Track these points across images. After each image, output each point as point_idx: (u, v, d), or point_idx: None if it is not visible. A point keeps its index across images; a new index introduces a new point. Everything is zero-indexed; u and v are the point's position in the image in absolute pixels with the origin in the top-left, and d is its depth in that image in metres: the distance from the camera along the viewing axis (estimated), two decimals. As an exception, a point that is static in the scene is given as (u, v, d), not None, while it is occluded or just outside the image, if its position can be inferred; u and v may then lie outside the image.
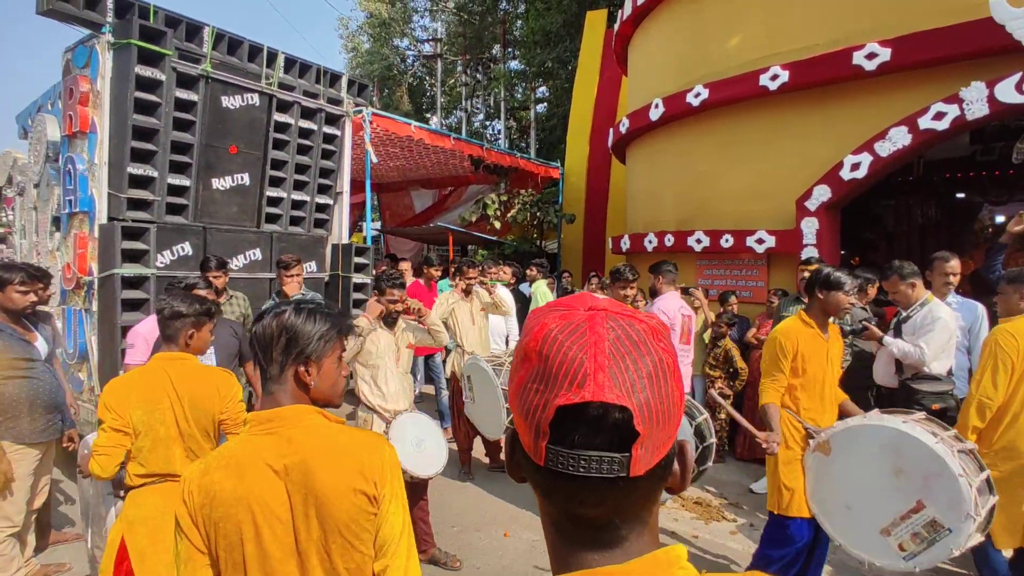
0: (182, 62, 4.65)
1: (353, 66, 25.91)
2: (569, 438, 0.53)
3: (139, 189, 4.52)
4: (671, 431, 0.56)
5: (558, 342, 0.54)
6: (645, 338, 0.55)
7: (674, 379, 0.56)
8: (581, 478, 0.53)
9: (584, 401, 0.51)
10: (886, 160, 5.15)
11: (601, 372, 0.52)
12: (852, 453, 2.73)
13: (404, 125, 8.49)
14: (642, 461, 0.53)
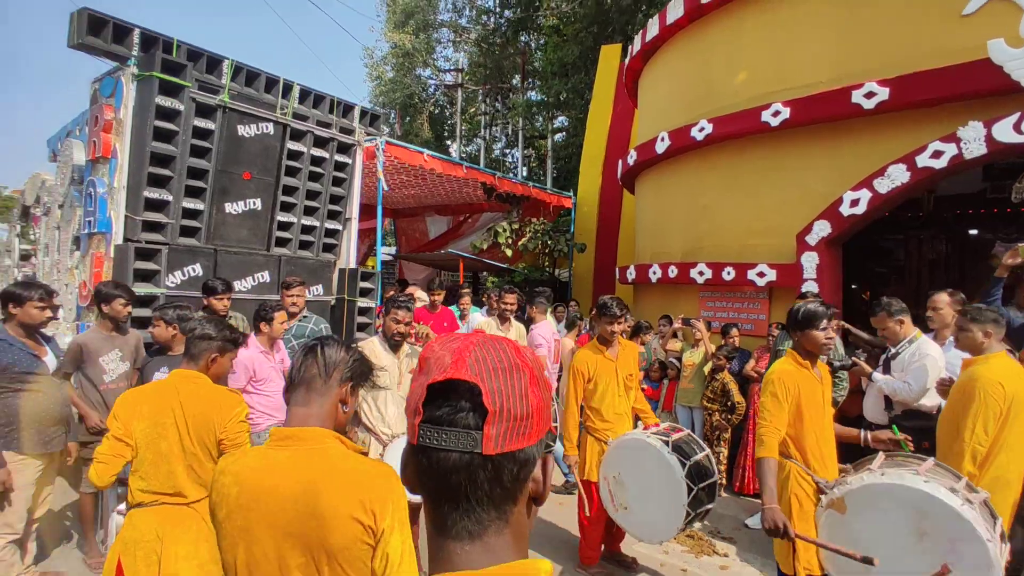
0: (201, 93, 4.90)
1: (377, 94, 26.59)
2: (436, 415, 0.64)
3: (154, 212, 4.73)
4: (526, 428, 0.65)
5: (436, 350, 0.68)
6: (508, 350, 0.67)
7: (532, 385, 0.66)
8: (444, 453, 0.63)
9: (446, 378, 0.63)
10: (885, 197, 5.19)
11: (462, 362, 0.64)
12: (870, 512, 2.56)
13: (416, 154, 8.72)
14: (493, 440, 0.62)
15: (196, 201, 5.04)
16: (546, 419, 0.69)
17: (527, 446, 0.66)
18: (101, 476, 2.27)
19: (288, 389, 1.53)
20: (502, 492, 0.66)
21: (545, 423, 0.68)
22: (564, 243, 11.57)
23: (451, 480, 0.64)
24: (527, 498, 0.70)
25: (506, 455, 0.64)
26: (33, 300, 3.40)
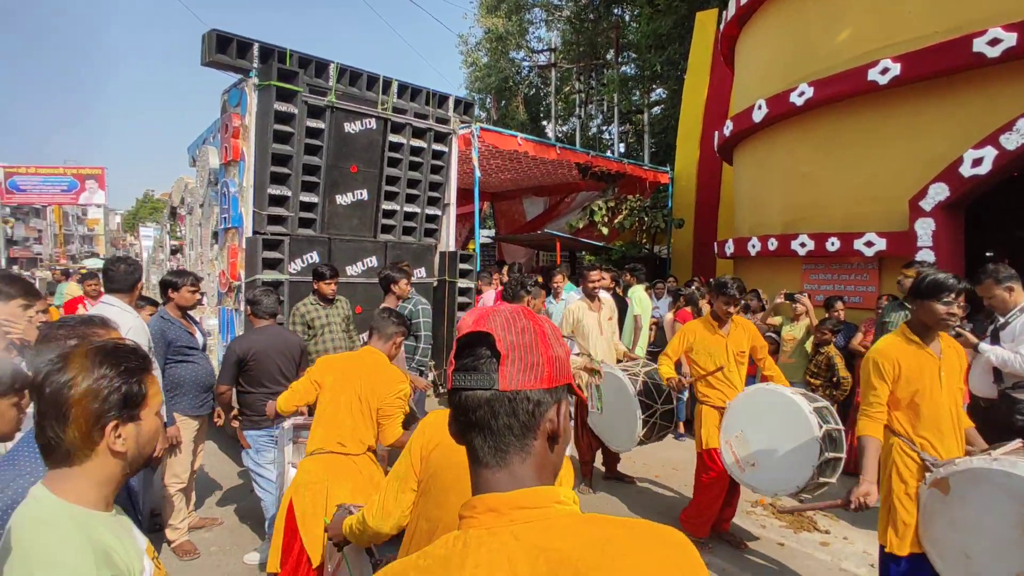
0: (311, 96, 5.39)
1: (472, 80, 27.12)
2: (462, 362, 0.81)
3: (276, 207, 5.29)
4: (538, 372, 0.79)
5: (465, 319, 0.86)
6: (521, 315, 0.84)
7: (541, 340, 0.81)
8: (470, 390, 0.79)
9: (469, 332, 0.82)
10: (1013, 154, 4.74)
11: (481, 320, 0.82)
12: (973, 497, 2.47)
13: (510, 138, 8.95)
14: (507, 378, 0.78)
15: (311, 195, 5.56)
16: (560, 373, 0.82)
17: (539, 388, 0.79)
18: (288, 401, 2.92)
19: None
20: (520, 425, 0.79)
21: (559, 376, 0.82)
22: (661, 219, 11.39)
23: (477, 413, 0.79)
24: (546, 435, 0.82)
25: (520, 393, 0.78)
26: (187, 285, 3.99)
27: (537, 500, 0.76)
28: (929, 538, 2.63)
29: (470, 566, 0.72)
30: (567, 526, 0.75)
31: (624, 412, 4.28)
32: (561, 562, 0.70)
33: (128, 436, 1.13)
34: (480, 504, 0.77)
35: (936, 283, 2.66)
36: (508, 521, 0.75)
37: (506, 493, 0.76)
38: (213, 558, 3.89)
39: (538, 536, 0.73)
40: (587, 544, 0.72)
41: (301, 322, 4.73)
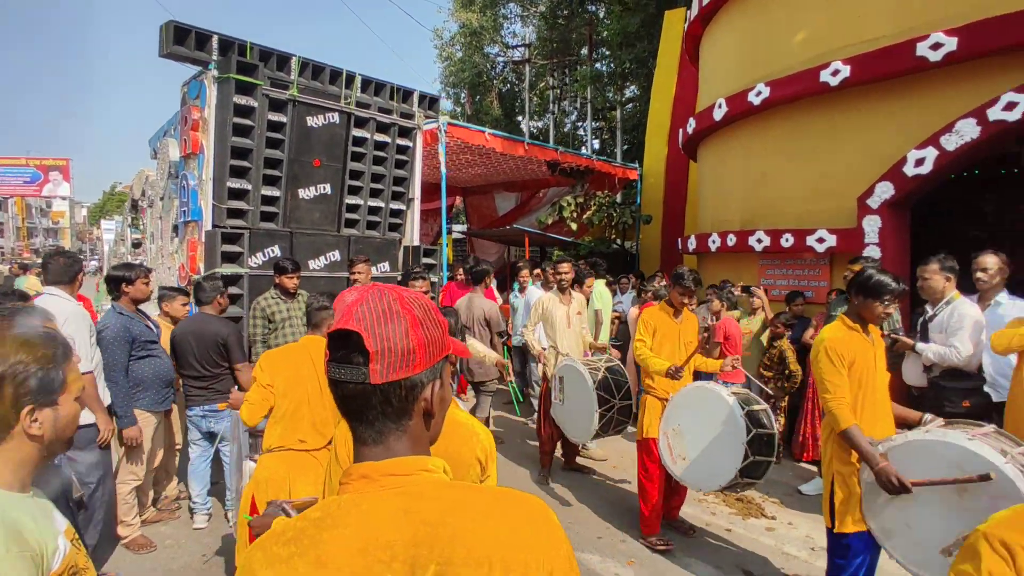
0: (273, 89, 5.37)
1: (447, 75, 27.01)
2: (335, 355, 0.84)
3: (236, 200, 5.28)
4: (410, 361, 0.83)
5: (340, 301, 0.89)
6: (392, 299, 0.85)
7: (412, 327, 0.84)
8: (345, 383, 0.83)
9: (337, 328, 0.84)
10: (953, 154, 4.94)
11: (349, 315, 0.83)
12: (912, 469, 2.58)
13: (478, 133, 8.99)
14: (377, 373, 0.81)
15: (273, 188, 5.55)
16: (433, 353, 0.86)
17: (412, 375, 0.84)
18: (252, 417, 2.79)
19: None
20: (394, 410, 0.84)
21: (432, 356, 0.86)
22: (629, 215, 11.54)
23: (353, 403, 0.84)
24: (421, 413, 0.88)
25: (392, 383, 0.82)
26: (141, 278, 3.96)
27: (406, 468, 0.83)
28: (872, 514, 2.75)
29: (340, 526, 0.77)
30: (431, 491, 0.81)
31: (582, 405, 4.38)
32: (421, 522, 0.76)
33: (45, 420, 1.18)
34: (355, 472, 0.83)
35: (880, 284, 2.78)
36: (378, 487, 0.81)
37: (378, 462, 0.83)
38: (168, 551, 3.89)
39: (403, 500, 0.79)
40: (446, 506, 0.78)
41: (262, 316, 4.74)
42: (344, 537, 0.76)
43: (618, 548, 4.00)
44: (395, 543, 0.75)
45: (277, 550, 0.78)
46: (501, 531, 0.76)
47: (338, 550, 0.75)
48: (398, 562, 0.74)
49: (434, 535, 0.75)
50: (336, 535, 0.77)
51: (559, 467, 5.43)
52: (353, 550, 0.75)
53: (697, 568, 3.73)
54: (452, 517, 0.77)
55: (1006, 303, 3.83)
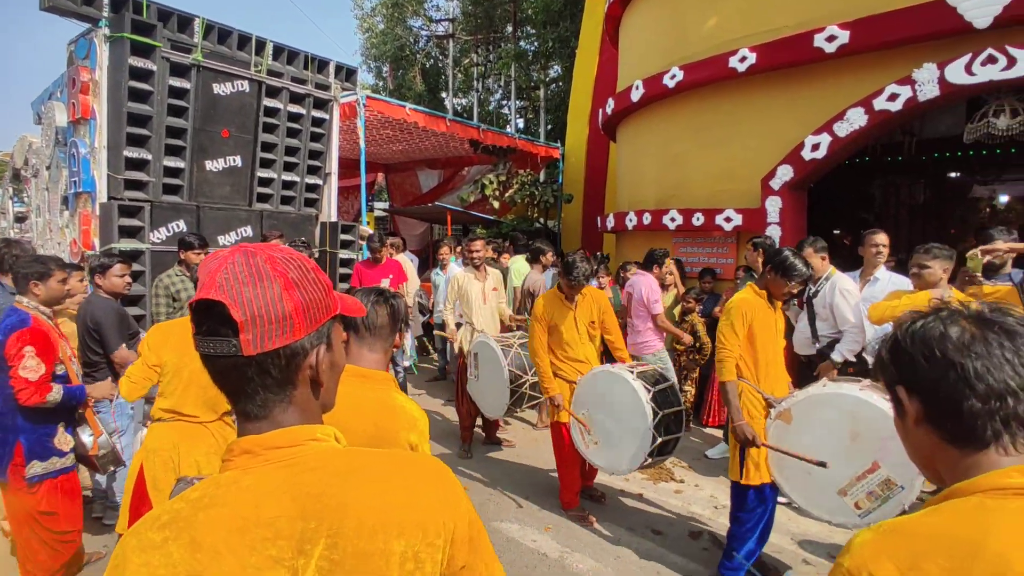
0: (174, 52, 5.03)
1: (368, 47, 26.13)
2: (201, 328, 0.76)
3: (135, 171, 4.93)
4: (287, 327, 0.76)
5: (204, 266, 0.79)
6: (262, 262, 0.76)
7: (286, 290, 0.76)
8: (216, 357, 0.75)
9: (199, 299, 0.75)
10: (844, 140, 5.32)
11: (211, 283, 0.74)
12: (812, 421, 2.82)
13: (399, 108, 8.80)
14: (250, 344, 0.73)
15: (176, 160, 5.23)
16: (314, 316, 0.79)
17: (292, 342, 0.77)
18: (131, 394, 2.66)
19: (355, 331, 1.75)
20: (274, 381, 0.77)
21: (313, 320, 0.79)
22: (551, 194, 11.69)
23: (229, 379, 0.77)
24: (307, 382, 0.81)
25: (268, 353, 0.75)
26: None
27: (291, 438, 0.77)
28: (776, 465, 2.98)
29: (217, 505, 0.72)
30: (318, 460, 0.76)
31: (495, 380, 4.43)
32: (307, 495, 0.72)
33: None
34: (237, 447, 0.78)
35: (793, 267, 3.04)
36: (262, 461, 0.75)
37: (261, 435, 0.77)
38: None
39: (287, 472, 0.74)
40: (334, 475, 0.74)
41: (165, 294, 4.48)
42: (221, 517, 0.71)
43: (536, 516, 4.13)
44: (278, 519, 0.71)
45: (151, 535, 0.72)
46: (394, 496, 0.74)
47: (214, 531, 0.71)
48: (283, 539, 0.70)
49: (321, 507, 0.71)
50: (212, 515, 0.72)
51: (480, 442, 5.51)
52: (230, 529, 0.70)
53: (611, 530, 3.91)
54: (340, 486, 0.73)
55: (883, 278, 4.22)
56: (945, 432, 0.87)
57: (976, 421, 0.83)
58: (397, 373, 6.13)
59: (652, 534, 3.88)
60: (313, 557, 0.70)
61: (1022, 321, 0.85)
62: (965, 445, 0.85)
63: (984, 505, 0.80)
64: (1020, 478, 0.80)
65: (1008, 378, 0.81)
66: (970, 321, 0.86)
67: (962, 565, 0.75)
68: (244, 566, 0.69)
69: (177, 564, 0.69)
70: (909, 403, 0.90)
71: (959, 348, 0.84)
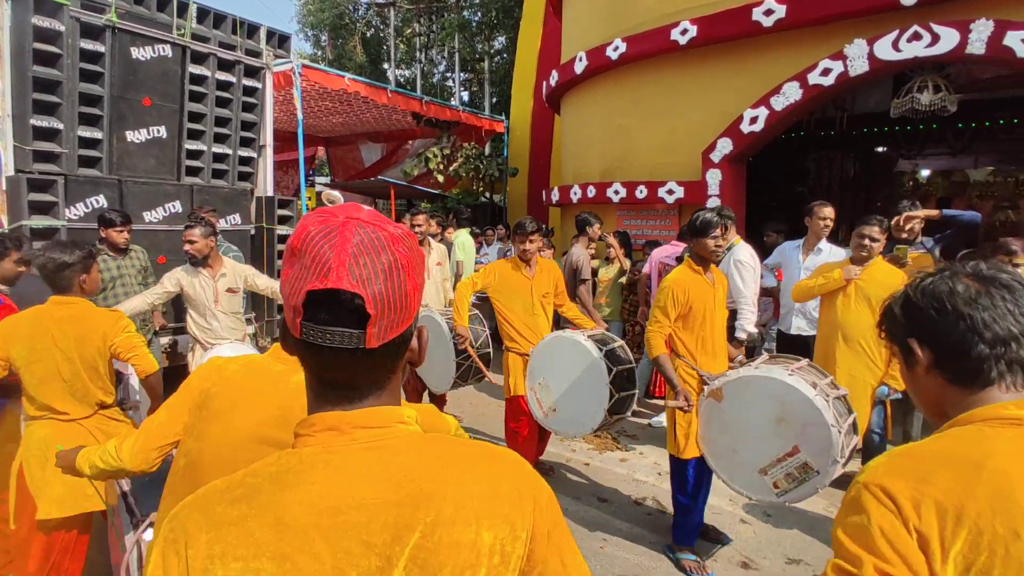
0: (84, 12, 4.63)
1: (304, 14, 25.04)
2: (318, 316, 0.67)
3: (45, 141, 4.56)
4: (405, 315, 0.71)
5: (314, 242, 0.68)
6: (386, 243, 0.69)
7: (408, 275, 0.70)
8: (328, 348, 0.68)
9: (326, 288, 0.66)
10: (780, 114, 5.46)
11: (342, 267, 0.66)
12: (741, 401, 2.88)
13: (337, 78, 8.47)
14: (375, 337, 0.68)
15: (93, 130, 4.86)
16: (419, 297, 0.75)
17: (406, 328, 0.73)
18: None
19: None
20: (383, 368, 0.74)
21: (418, 302, 0.75)
22: (496, 168, 11.59)
23: (338, 372, 0.71)
24: (404, 364, 0.78)
25: (387, 343, 0.70)
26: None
27: (380, 419, 0.73)
28: (705, 440, 3.08)
29: (305, 483, 0.67)
30: (410, 444, 0.73)
31: (442, 354, 4.38)
32: (405, 477, 0.68)
33: None
34: (320, 422, 0.72)
35: (705, 221, 3.09)
36: (349, 440, 0.71)
37: (348, 412, 0.72)
38: None
39: (378, 454, 0.71)
40: (429, 461, 0.71)
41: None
42: (310, 495, 0.67)
43: (484, 490, 4.15)
44: (372, 502, 0.67)
45: (223, 510, 0.67)
46: (485, 486, 0.71)
47: (303, 511, 0.66)
48: (377, 523, 0.66)
49: (419, 492, 0.68)
50: (300, 493, 0.67)
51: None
52: (322, 510, 0.66)
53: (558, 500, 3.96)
54: (437, 472, 0.70)
55: (825, 249, 4.38)
56: (953, 375, 0.97)
57: (983, 364, 0.94)
58: None
59: (598, 502, 3.97)
60: (408, 545, 0.66)
61: (1016, 277, 0.97)
62: (970, 384, 0.96)
63: (983, 432, 0.91)
64: (1016, 410, 0.91)
65: (1011, 325, 0.93)
66: (971, 278, 0.97)
67: (968, 479, 0.84)
68: (335, 551, 0.65)
69: (260, 543, 0.64)
70: (920, 352, 1.00)
71: (967, 301, 0.95)
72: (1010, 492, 0.82)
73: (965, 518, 0.82)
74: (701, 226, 3.09)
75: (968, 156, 9.62)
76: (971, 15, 4.56)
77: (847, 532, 0.89)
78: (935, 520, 0.83)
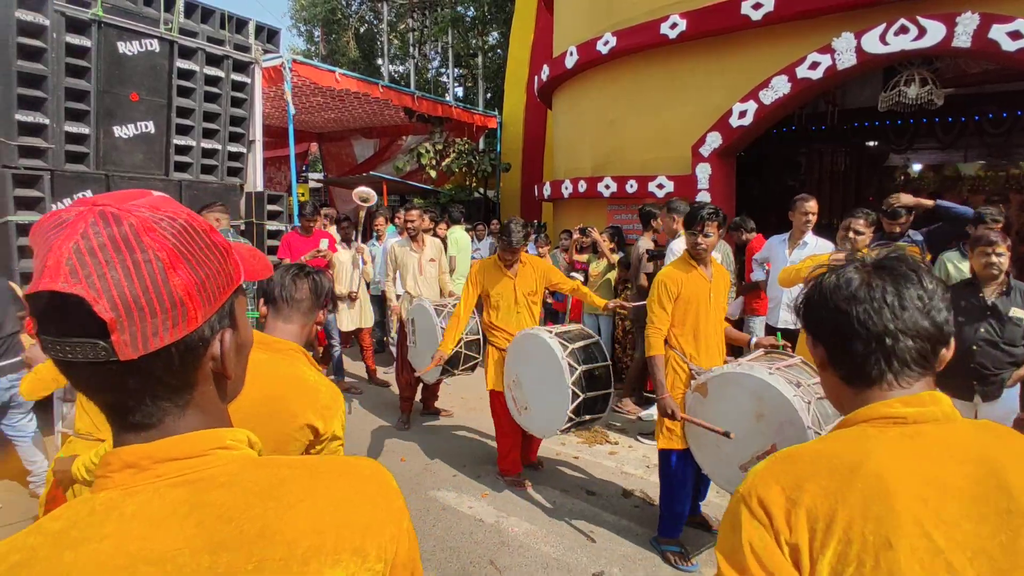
0: (70, 6, 4.62)
1: (297, 9, 24.93)
2: (48, 328, 0.55)
3: (31, 136, 4.54)
4: (176, 317, 0.57)
5: (41, 235, 0.56)
6: (133, 234, 0.55)
7: (172, 267, 0.57)
8: (80, 364, 0.56)
9: (37, 290, 0.53)
10: (769, 108, 5.46)
11: (57, 267, 0.53)
12: (724, 397, 2.87)
13: (328, 73, 8.45)
14: (129, 346, 0.54)
15: (79, 125, 4.85)
16: (213, 293, 0.61)
17: (187, 333, 0.59)
18: (29, 393, 2.41)
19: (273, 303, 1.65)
20: (167, 388, 0.61)
21: (212, 301, 0.61)
22: (488, 163, 11.58)
23: (102, 391, 0.59)
24: (209, 378, 0.65)
25: (157, 352, 0.57)
26: None
27: (193, 448, 0.61)
28: (691, 434, 3.08)
29: (94, 539, 0.56)
30: (232, 474, 0.61)
31: (431, 343, 4.38)
32: (219, 518, 0.58)
33: None
34: (115, 460, 0.60)
35: (691, 214, 3.09)
36: (152, 477, 0.59)
37: (149, 444, 0.60)
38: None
39: (187, 491, 0.59)
40: (252, 492, 0.60)
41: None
42: (98, 555, 0.55)
43: (473, 484, 4.15)
44: (179, 553, 0.55)
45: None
46: (329, 515, 0.61)
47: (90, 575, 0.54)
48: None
49: (239, 533, 0.57)
50: (84, 554, 0.55)
51: (418, 412, 5.48)
52: (111, 570, 0.54)
53: (545, 494, 3.98)
54: (261, 506, 0.59)
55: (811, 242, 4.39)
56: (843, 373, 0.93)
57: (862, 361, 0.89)
58: (332, 348, 5.99)
59: (586, 495, 3.98)
60: None
61: (914, 266, 0.90)
62: (857, 383, 0.91)
63: (866, 432, 0.85)
64: (901, 408, 0.85)
65: (887, 321, 0.87)
66: (863, 270, 0.91)
67: (842, 483, 0.79)
68: None
69: None
70: (814, 350, 0.96)
71: (847, 298, 0.89)
72: (884, 496, 0.76)
73: (835, 526, 0.76)
74: (688, 219, 3.11)
75: (958, 150, 9.67)
76: (957, 8, 4.58)
77: (722, 550, 0.83)
78: (806, 530, 0.78)
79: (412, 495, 3.96)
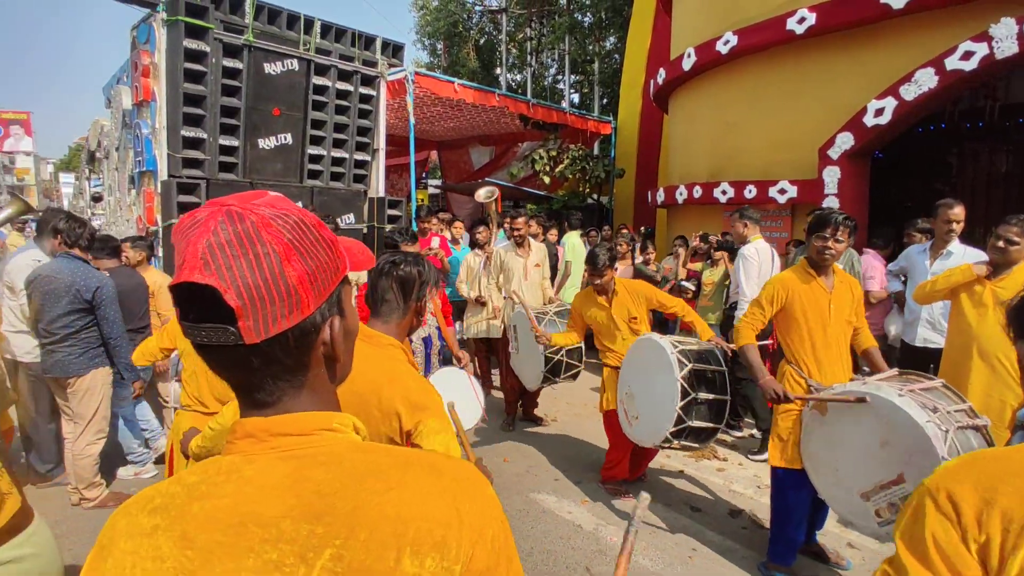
0: (226, 34, 5.20)
1: (422, 24, 26.19)
2: (187, 314, 0.64)
3: (192, 149, 5.16)
4: (293, 305, 0.64)
5: (181, 234, 0.64)
6: (254, 229, 0.62)
7: (287, 261, 0.63)
8: (214, 347, 0.64)
9: (179, 282, 0.62)
10: (911, 104, 4.98)
11: (195, 258, 0.61)
12: (846, 417, 2.69)
13: (447, 84, 8.81)
14: (252, 331, 0.62)
15: (231, 138, 5.44)
16: (323, 285, 0.67)
17: (301, 320, 0.66)
18: (140, 356, 2.97)
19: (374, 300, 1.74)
20: (285, 368, 0.67)
21: (322, 290, 0.67)
22: (602, 169, 11.49)
23: (231, 371, 0.67)
24: (321, 361, 0.71)
25: (276, 337, 0.64)
26: None
27: (303, 426, 0.68)
28: (807, 454, 2.87)
29: (215, 496, 0.64)
30: (334, 454, 0.67)
31: (533, 350, 4.44)
32: (315, 493, 0.63)
33: None
34: (240, 428, 0.68)
35: (818, 219, 2.90)
36: (268, 448, 0.66)
37: (267, 418, 0.68)
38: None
39: (293, 465, 0.65)
40: (348, 474, 0.64)
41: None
42: (217, 510, 0.63)
43: (573, 490, 4.14)
44: (281, 519, 0.62)
45: (141, 520, 0.64)
46: (417, 507, 0.63)
47: (208, 526, 0.62)
48: (285, 543, 0.61)
49: (331, 510, 0.62)
50: (208, 507, 0.63)
51: (519, 418, 5.56)
52: (227, 526, 0.62)
53: (648, 505, 3.87)
54: (354, 488, 0.63)
55: (957, 252, 3.93)
56: None
57: None
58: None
59: (690, 511, 3.84)
60: (315, 568, 0.60)
61: None
62: None
63: None
64: None
65: None
66: None
67: None
68: (239, 569, 0.61)
69: (166, 559, 0.61)
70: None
71: None
72: None
73: None
74: (815, 222, 2.92)
75: None
76: None
77: (903, 537, 0.85)
78: (999, 529, 0.77)
79: (513, 496, 4.02)
